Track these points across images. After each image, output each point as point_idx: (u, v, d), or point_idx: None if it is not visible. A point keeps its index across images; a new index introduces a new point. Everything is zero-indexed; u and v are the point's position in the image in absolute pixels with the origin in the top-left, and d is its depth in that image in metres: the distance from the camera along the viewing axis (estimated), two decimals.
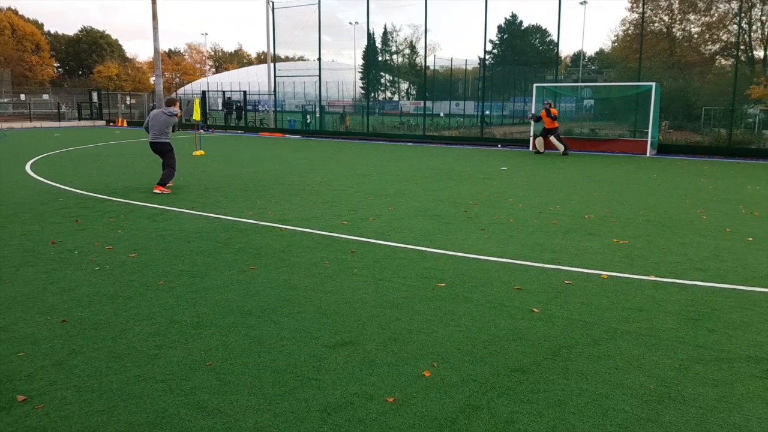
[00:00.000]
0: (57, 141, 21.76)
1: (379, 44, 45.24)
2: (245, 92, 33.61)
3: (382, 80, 46.68)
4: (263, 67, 41.43)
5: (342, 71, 44.57)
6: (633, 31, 29.48)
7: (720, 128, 20.20)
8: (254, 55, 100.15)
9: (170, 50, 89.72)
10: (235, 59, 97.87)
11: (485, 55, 25.91)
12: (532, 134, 19.75)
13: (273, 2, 28.10)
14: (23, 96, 42.60)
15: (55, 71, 72.22)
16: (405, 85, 47.24)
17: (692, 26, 29.15)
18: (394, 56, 49.20)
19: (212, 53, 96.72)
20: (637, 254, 6.10)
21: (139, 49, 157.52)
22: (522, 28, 50.06)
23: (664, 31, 29.72)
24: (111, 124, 35.57)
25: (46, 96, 44.06)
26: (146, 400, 3.07)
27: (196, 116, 17.25)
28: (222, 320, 4.19)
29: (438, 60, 35.93)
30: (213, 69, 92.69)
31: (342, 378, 3.33)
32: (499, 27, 48.05)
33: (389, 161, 15.88)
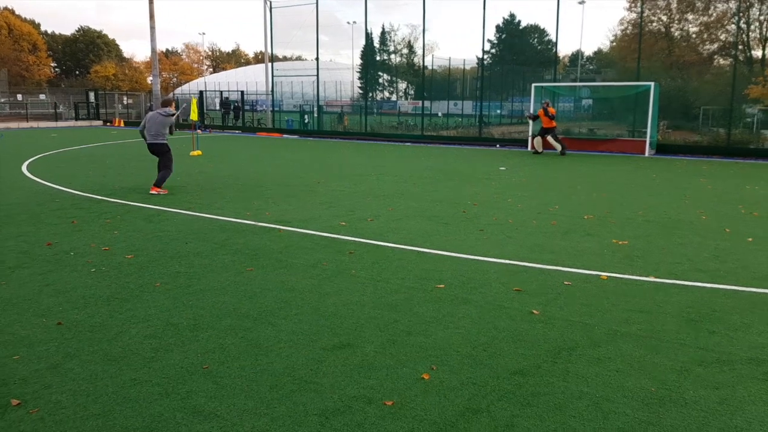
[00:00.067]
0: (54, 141, 21.70)
1: (377, 44, 45.17)
2: (243, 92, 33.52)
3: (380, 80, 46.62)
4: (261, 67, 41.35)
5: (340, 71, 44.56)
6: (631, 31, 29.47)
7: (719, 128, 20.20)
8: (252, 55, 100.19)
9: (168, 50, 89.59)
10: (233, 59, 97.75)
11: (483, 55, 25.88)
12: (531, 134, 19.73)
13: (270, 2, 28.06)
14: (20, 96, 42.53)
15: (52, 71, 72.03)
16: (403, 85, 47.19)
17: (690, 26, 29.14)
18: (392, 56, 49.16)
19: (210, 53, 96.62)
20: (637, 255, 6.07)
21: (137, 49, 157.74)
22: (520, 28, 50.00)
23: (663, 31, 29.71)
24: (108, 124, 35.49)
25: (43, 96, 44.03)
26: (142, 404, 3.03)
27: (194, 116, 17.22)
28: (219, 323, 4.15)
29: (436, 60, 35.93)
30: (210, 69, 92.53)
31: (340, 381, 3.29)
32: (498, 27, 48.00)
33: (387, 161, 15.85)
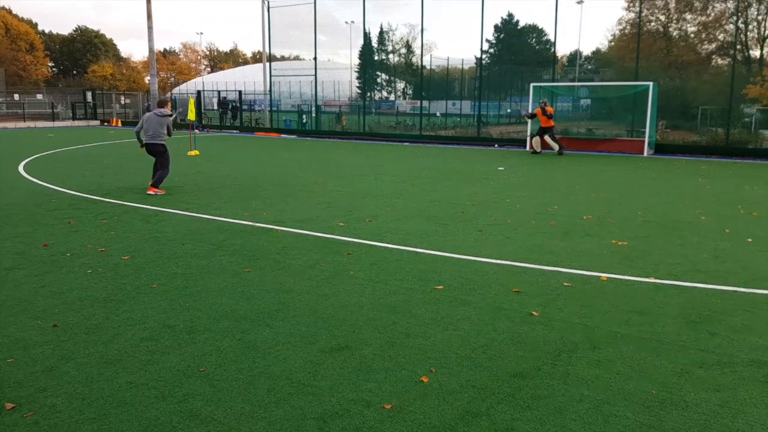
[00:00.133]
0: (51, 141, 21.63)
1: (376, 44, 45.20)
2: (241, 92, 33.46)
3: (379, 80, 46.61)
4: (259, 67, 41.29)
5: (338, 71, 44.50)
6: (630, 31, 29.47)
7: (717, 128, 20.20)
8: (250, 55, 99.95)
9: (165, 50, 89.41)
10: (231, 59, 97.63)
11: (482, 55, 25.91)
12: (529, 134, 19.71)
13: (268, 1, 28.00)
14: (17, 96, 42.37)
15: (50, 71, 71.91)
16: (401, 85, 47.20)
17: (689, 26, 29.17)
18: (391, 56, 49.19)
19: (207, 53, 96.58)
20: (637, 256, 6.05)
21: (134, 49, 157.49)
22: (519, 28, 50.02)
23: (661, 31, 29.73)
24: (105, 124, 35.40)
25: (41, 96, 43.89)
26: (138, 408, 3.00)
27: (191, 116, 17.17)
28: (216, 325, 4.12)
29: (434, 59, 35.97)
30: (208, 68, 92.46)
31: (338, 384, 3.26)
32: (496, 26, 48.00)
33: (386, 161, 15.82)
